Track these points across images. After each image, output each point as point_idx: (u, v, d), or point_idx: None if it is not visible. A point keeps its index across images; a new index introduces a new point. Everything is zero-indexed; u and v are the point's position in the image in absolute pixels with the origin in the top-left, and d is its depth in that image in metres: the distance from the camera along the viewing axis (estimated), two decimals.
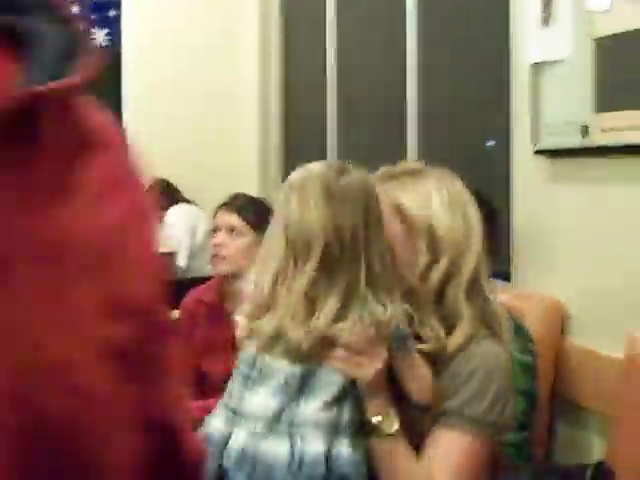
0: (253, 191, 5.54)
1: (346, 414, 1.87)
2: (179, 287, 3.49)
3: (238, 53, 7.30)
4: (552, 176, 3.10)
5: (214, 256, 3.31)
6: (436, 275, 2.01)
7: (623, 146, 2.70)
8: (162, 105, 7.28)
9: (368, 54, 5.50)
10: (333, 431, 1.85)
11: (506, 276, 3.36)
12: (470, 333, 1.98)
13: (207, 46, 7.33)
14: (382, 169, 2.13)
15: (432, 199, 2.05)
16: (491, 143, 3.93)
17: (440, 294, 2.01)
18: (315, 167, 1.99)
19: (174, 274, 5.70)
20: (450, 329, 1.99)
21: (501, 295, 2.93)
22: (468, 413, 1.93)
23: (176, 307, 3.44)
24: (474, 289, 2.03)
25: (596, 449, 2.77)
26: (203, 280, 3.59)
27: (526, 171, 3.23)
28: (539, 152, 3.11)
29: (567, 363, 2.95)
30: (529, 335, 2.81)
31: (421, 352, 1.95)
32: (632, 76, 2.64)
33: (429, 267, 2.01)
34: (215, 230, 3.36)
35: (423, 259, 2.01)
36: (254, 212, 3.30)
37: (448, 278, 2.01)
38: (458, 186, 2.12)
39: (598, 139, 2.80)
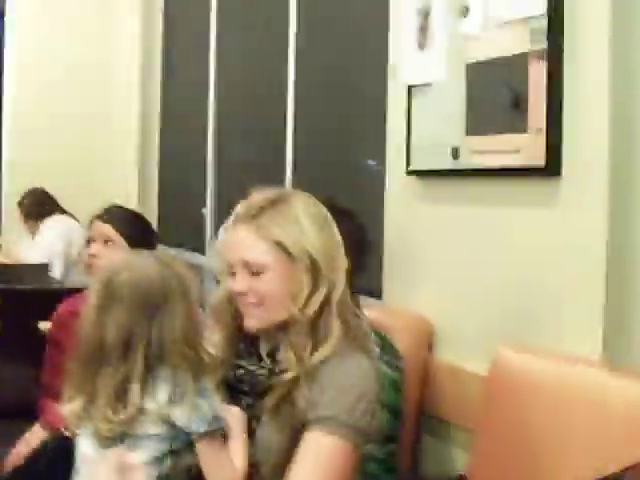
0: (132, 205, 5.52)
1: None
2: (54, 298, 3.47)
3: (117, 68, 7.28)
4: (423, 196, 3.17)
5: (89, 266, 3.28)
6: (317, 300, 2.08)
7: (490, 169, 2.78)
8: (44, 116, 7.20)
9: (248, 71, 5.53)
10: None
11: (378, 293, 3.41)
12: (335, 349, 2.05)
13: (85, 57, 7.29)
14: (242, 207, 2.15)
15: (302, 224, 2.10)
16: (372, 163, 4.00)
17: (318, 316, 2.07)
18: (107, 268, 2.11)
19: (49, 285, 5.63)
20: (321, 344, 2.06)
21: (370, 312, 3.01)
22: (338, 420, 2.00)
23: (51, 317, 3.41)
24: (344, 307, 2.10)
25: (460, 462, 2.83)
26: (78, 291, 3.56)
27: (398, 190, 3.29)
28: (411, 172, 3.18)
29: (433, 378, 3.01)
30: (396, 351, 2.86)
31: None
32: (498, 101, 2.72)
33: (310, 295, 2.07)
34: (89, 241, 3.34)
35: (306, 289, 2.07)
36: (129, 224, 3.29)
37: (325, 300, 2.08)
38: (319, 205, 2.19)
39: (468, 161, 2.88)
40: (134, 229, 3.26)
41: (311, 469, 1.99)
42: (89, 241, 3.34)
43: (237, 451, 2.03)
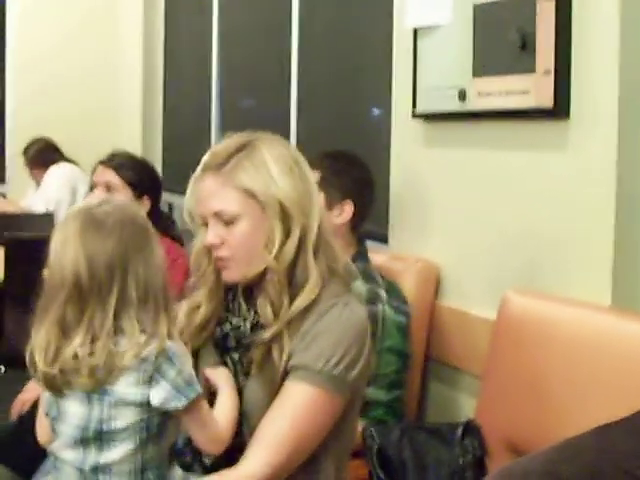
0: (136, 153, 5.49)
1: None
2: None
3: (122, 20, 7.24)
4: (429, 139, 3.13)
5: None
6: (291, 246, 2.04)
7: (497, 111, 2.74)
8: (49, 66, 7.17)
9: (252, 21, 5.49)
10: None
11: (384, 238, 3.39)
12: (313, 297, 2.03)
13: (89, 7, 7.25)
14: (209, 156, 2.11)
15: (270, 169, 2.05)
16: (377, 111, 3.96)
17: (294, 263, 2.04)
18: (82, 204, 2.04)
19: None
20: (299, 292, 2.04)
21: (377, 257, 2.99)
22: (317, 367, 1.99)
23: None
24: (320, 248, 2.07)
25: (467, 408, 2.82)
26: None
27: (404, 134, 3.26)
28: (417, 116, 3.14)
29: (440, 324, 3.00)
30: (403, 296, 2.85)
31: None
32: (505, 42, 2.68)
33: (284, 242, 2.03)
34: (93, 187, 3.32)
35: (279, 236, 2.03)
36: (132, 170, 3.26)
37: (300, 245, 2.04)
38: (288, 148, 2.16)
39: (475, 103, 2.84)
40: (138, 175, 3.23)
41: (284, 416, 1.98)
42: (92, 187, 3.32)
43: (224, 410, 2.01)
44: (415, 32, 3.14)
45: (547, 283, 2.57)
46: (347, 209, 2.90)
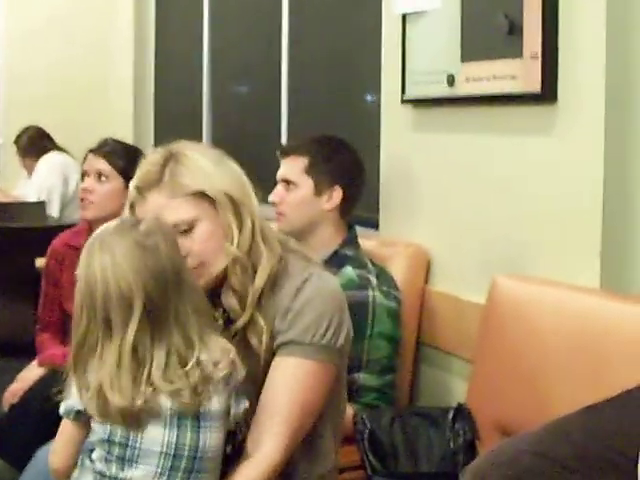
0: (128, 139, 5.48)
1: None
2: (52, 235, 3.45)
3: (113, 3, 7.22)
4: (418, 125, 3.14)
5: (82, 200, 3.25)
6: (247, 232, 2.08)
7: (485, 96, 2.75)
8: (39, 53, 7.15)
9: (243, 5, 5.49)
10: None
11: (374, 224, 3.40)
12: (270, 270, 2.07)
13: None
14: (139, 179, 2.09)
15: (204, 167, 2.09)
16: (369, 97, 3.97)
17: (250, 249, 2.08)
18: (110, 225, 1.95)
19: (46, 223, 5.62)
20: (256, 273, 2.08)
21: (367, 242, 3.00)
22: (306, 340, 2.04)
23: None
24: (264, 228, 2.13)
25: (458, 392, 2.83)
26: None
27: (394, 120, 3.26)
28: (406, 101, 3.15)
29: (431, 308, 3.01)
30: (393, 281, 2.86)
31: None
32: (493, 27, 2.68)
33: (240, 230, 2.07)
34: (84, 175, 3.31)
35: (235, 226, 2.07)
36: (123, 157, 3.25)
37: (253, 229, 2.09)
38: (207, 146, 2.26)
39: (463, 88, 2.84)
40: (129, 163, 3.22)
41: (283, 392, 2.02)
42: (83, 175, 3.31)
43: None
44: (404, 18, 3.14)
45: (536, 267, 2.58)
46: (336, 195, 2.89)
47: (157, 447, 1.84)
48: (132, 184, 2.11)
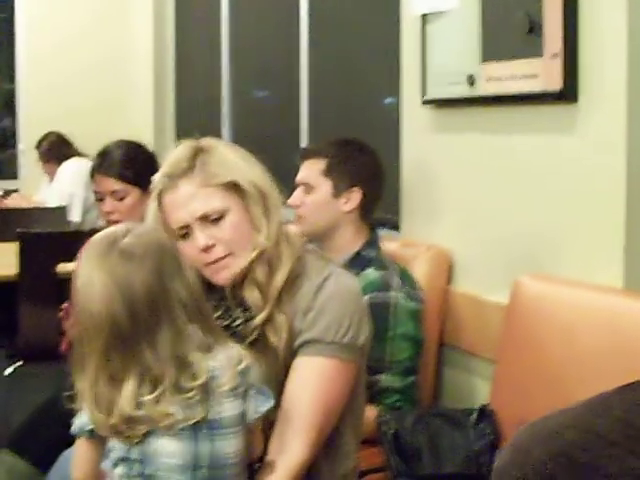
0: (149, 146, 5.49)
1: None
2: (73, 240, 3.43)
3: (133, 13, 7.25)
4: (439, 126, 3.13)
5: (107, 222, 3.13)
6: (275, 225, 2.10)
7: (506, 95, 2.74)
8: (60, 59, 7.19)
9: (262, 11, 5.49)
10: None
11: (394, 225, 3.40)
12: (292, 268, 2.08)
13: (102, 1, 7.27)
14: (170, 167, 2.10)
15: (234, 161, 2.11)
16: (389, 99, 3.96)
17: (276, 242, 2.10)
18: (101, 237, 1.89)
19: (68, 228, 5.64)
20: (276, 272, 2.09)
21: (389, 244, 3.00)
22: (328, 338, 2.04)
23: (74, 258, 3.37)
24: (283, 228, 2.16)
25: (482, 393, 2.83)
26: (98, 232, 3.50)
27: (415, 121, 3.26)
28: (427, 102, 3.14)
29: (453, 309, 3.01)
30: (415, 282, 2.85)
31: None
32: (513, 26, 2.67)
33: (269, 222, 2.09)
34: (99, 198, 3.22)
35: (264, 218, 2.09)
36: (129, 165, 3.16)
37: (279, 225, 2.12)
38: (234, 144, 2.22)
39: (484, 88, 2.84)
40: (136, 165, 3.16)
41: (306, 391, 2.02)
42: (97, 195, 3.23)
43: None
44: (423, 18, 3.14)
45: (559, 267, 2.57)
46: (354, 196, 2.89)
47: (171, 459, 1.80)
48: (160, 173, 2.11)
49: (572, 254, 2.54)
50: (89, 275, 1.80)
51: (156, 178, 2.12)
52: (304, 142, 4.64)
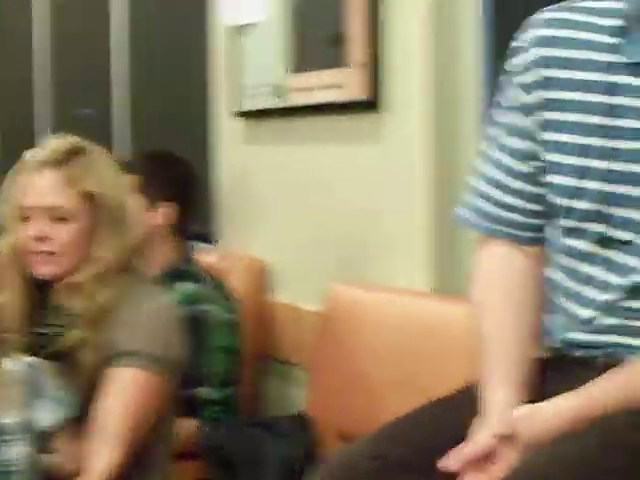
0: None
1: None
2: None
3: None
4: (251, 137, 3.15)
5: None
6: (119, 248, 2.16)
7: (314, 106, 2.78)
8: None
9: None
10: None
11: (206, 238, 3.39)
12: (118, 288, 2.11)
13: None
14: (45, 152, 2.14)
15: (106, 173, 2.16)
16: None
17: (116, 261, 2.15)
18: None
19: None
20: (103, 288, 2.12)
21: (204, 256, 2.99)
22: (142, 352, 2.08)
23: None
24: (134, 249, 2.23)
25: (301, 401, 2.85)
26: None
27: (226, 133, 3.26)
28: (237, 114, 3.15)
29: (272, 320, 3.02)
30: (230, 294, 2.85)
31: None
32: (319, 37, 2.72)
33: (112, 242, 2.14)
34: None
35: (110, 239, 2.13)
36: None
37: (124, 244, 2.18)
38: (109, 154, 2.28)
39: (293, 99, 2.87)
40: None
41: (118, 403, 2.05)
42: None
43: None
44: (233, 31, 3.15)
45: (372, 274, 2.61)
46: (166, 211, 2.86)
47: None
48: (33, 153, 2.14)
49: (382, 260, 2.58)
50: None
51: (27, 156, 2.14)
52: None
